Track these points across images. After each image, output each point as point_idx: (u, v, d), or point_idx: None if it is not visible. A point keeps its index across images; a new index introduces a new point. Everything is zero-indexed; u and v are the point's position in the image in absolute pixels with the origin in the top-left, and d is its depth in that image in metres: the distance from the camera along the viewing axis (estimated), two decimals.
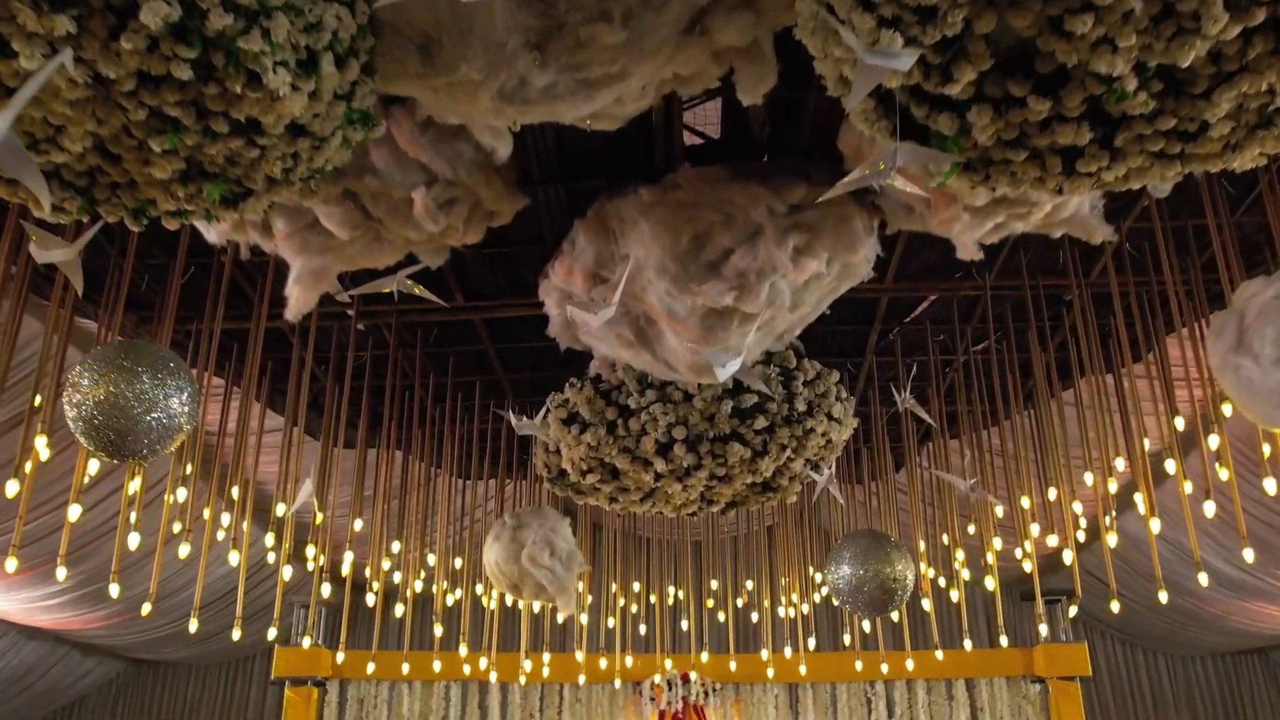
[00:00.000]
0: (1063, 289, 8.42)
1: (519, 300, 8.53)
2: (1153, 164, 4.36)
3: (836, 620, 16.34)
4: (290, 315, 6.41)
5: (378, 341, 9.40)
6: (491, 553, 8.62)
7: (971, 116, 4.01)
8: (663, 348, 7.21)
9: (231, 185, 4.54)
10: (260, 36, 3.63)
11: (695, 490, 8.81)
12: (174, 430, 4.72)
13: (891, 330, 9.57)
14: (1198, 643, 17.76)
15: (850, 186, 4.37)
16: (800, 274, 6.48)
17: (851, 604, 7.89)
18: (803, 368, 8.43)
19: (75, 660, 17.35)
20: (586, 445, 8.32)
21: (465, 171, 5.89)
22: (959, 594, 9.67)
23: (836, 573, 7.90)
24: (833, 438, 8.63)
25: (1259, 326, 4.36)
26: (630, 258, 6.69)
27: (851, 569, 7.78)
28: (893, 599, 7.76)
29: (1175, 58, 3.66)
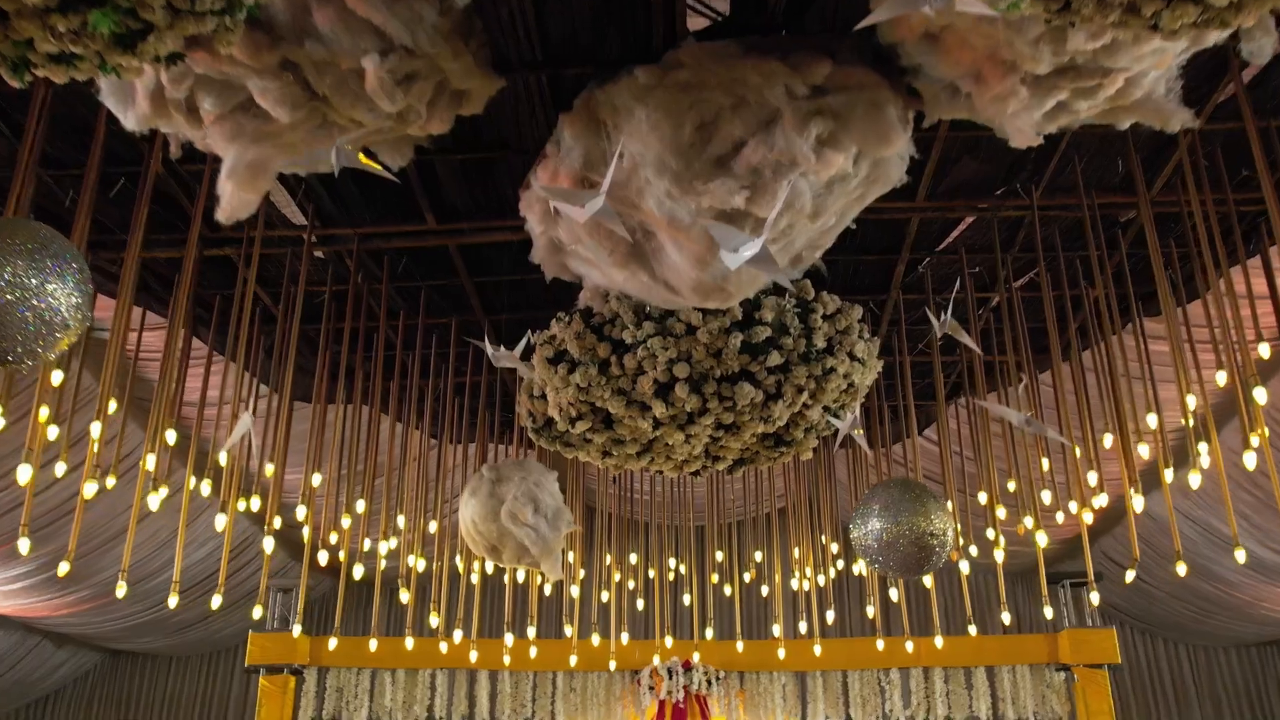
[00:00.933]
0: (1122, 209, 7.64)
1: (498, 222, 7.77)
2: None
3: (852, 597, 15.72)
4: (222, 216, 5.65)
5: (339, 275, 8.62)
6: (467, 510, 7.87)
7: None
8: (662, 265, 6.47)
9: (124, 17, 3.79)
10: None
11: (699, 442, 8.07)
12: (56, 327, 3.96)
13: (921, 261, 8.78)
14: (1222, 632, 17.57)
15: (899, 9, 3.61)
16: (824, 169, 5.72)
17: (882, 564, 7.11)
18: (822, 300, 7.68)
19: (47, 651, 17.12)
20: (576, 387, 7.56)
21: (427, 39, 5.14)
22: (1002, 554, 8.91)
23: (864, 528, 7.12)
24: (855, 380, 7.89)
25: None
26: (624, 155, 5.94)
27: (882, 523, 6.99)
28: (930, 557, 6.98)
29: None
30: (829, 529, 12.52)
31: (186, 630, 17.86)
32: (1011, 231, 8.23)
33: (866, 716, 15.98)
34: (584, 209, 5.08)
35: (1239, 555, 7.87)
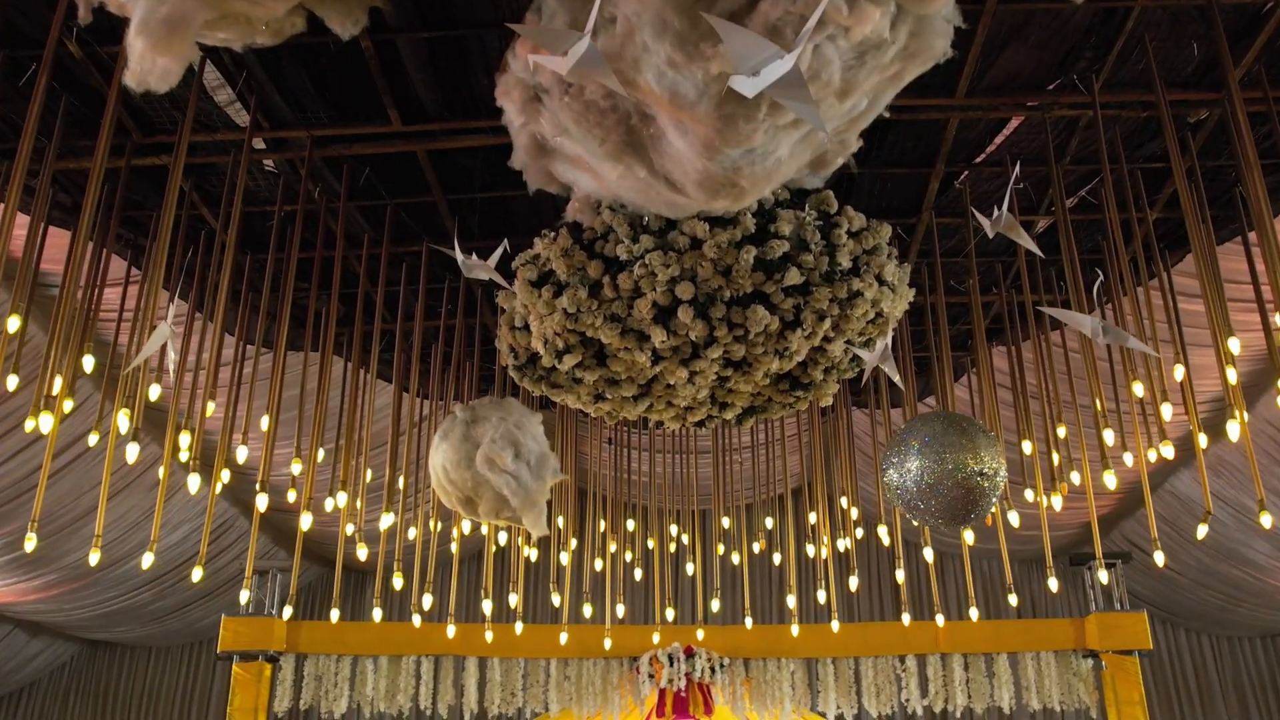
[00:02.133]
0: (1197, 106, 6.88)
1: (474, 123, 7.02)
2: None
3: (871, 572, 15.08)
4: (131, 79, 4.91)
5: (290, 193, 7.82)
6: (438, 455, 7.11)
7: None
8: (663, 155, 5.81)
9: None
10: None
11: (704, 382, 7.31)
12: None
13: (959, 175, 8.01)
14: (1249, 621, 17.45)
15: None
16: (858, 26, 4.96)
17: (922, 510, 6.33)
18: (847, 214, 6.93)
19: (19, 641, 16.97)
20: (563, 312, 6.81)
21: None
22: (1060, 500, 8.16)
23: (902, 468, 6.36)
24: (884, 309, 7.16)
25: None
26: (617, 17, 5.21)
27: (923, 462, 6.22)
28: (979, 503, 6.20)
29: None
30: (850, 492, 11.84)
31: (164, 619, 17.68)
32: (1065, 136, 7.47)
33: (881, 707, 15.40)
34: (567, 56, 4.34)
35: (1265, 520, 7.17)
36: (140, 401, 6.76)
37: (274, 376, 7.87)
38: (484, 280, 7.17)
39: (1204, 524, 7.53)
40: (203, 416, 7.16)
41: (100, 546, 7.01)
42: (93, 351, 6.91)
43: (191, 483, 7.09)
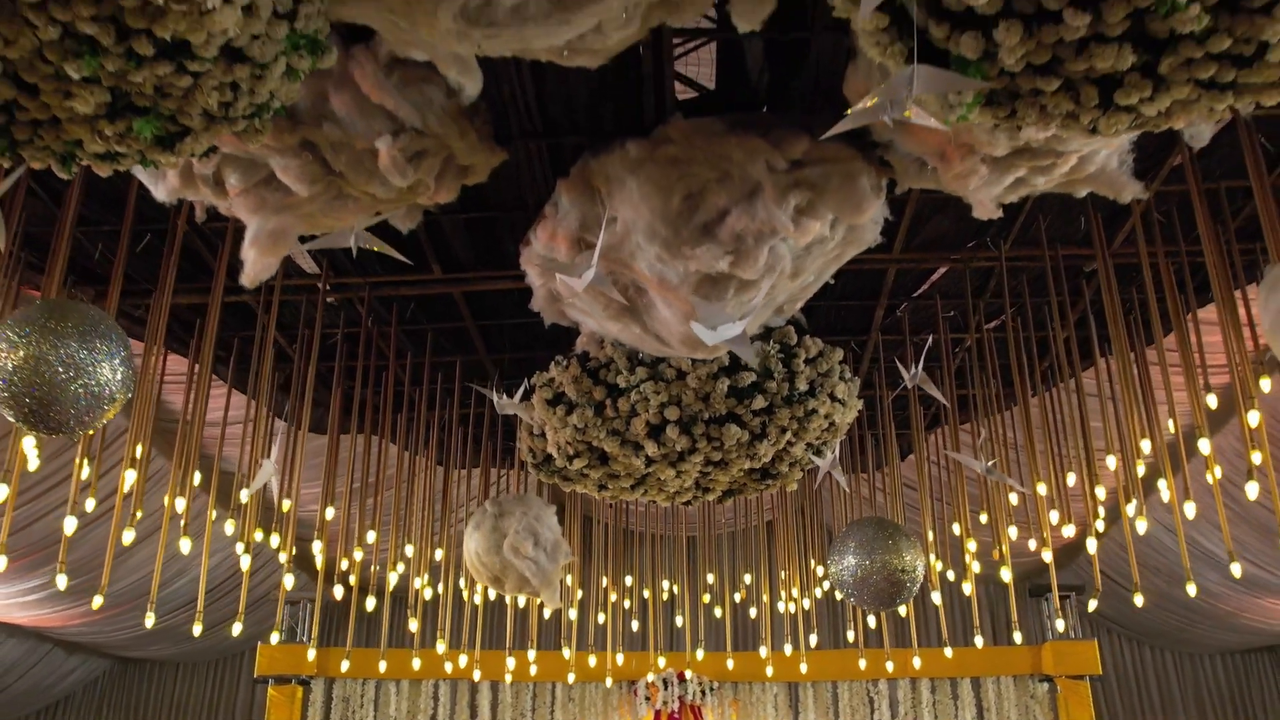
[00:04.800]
0: (1084, 259, 7.98)
1: (500, 272, 8.10)
2: (1200, 96, 3.94)
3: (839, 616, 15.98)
4: (246, 281, 5.99)
5: (350, 318, 8.95)
6: (471, 543, 8.20)
7: (999, 35, 3.59)
8: (653, 319, 6.79)
9: (165, 122, 4.11)
10: None
11: (689, 477, 8.39)
12: (104, 400, 4.29)
13: (899, 306, 9.12)
14: (1207, 640, 17.65)
15: (860, 121, 3.95)
16: (802, 236, 6.06)
17: (857, 598, 7.46)
18: (804, 345, 8.00)
19: (58, 658, 17.13)
20: (573, 427, 7.89)
21: (435, 120, 5.46)
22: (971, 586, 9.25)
23: (840, 564, 7.47)
24: (836, 420, 8.21)
25: None
26: (617, 219, 6.27)
27: (857, 559, 7.34)
28: (901, 592, 7.32)
29: None
30: (815, 550, 12.85)
31: (195, 639, 17.84)
32: (983, 279, 8.57)
33: None
34: (580, 280, 5.42)
35: (1235, 569, 8.13)
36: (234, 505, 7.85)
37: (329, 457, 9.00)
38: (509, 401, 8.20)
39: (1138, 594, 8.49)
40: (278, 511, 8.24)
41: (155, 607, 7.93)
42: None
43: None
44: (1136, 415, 7.49)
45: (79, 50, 3.61)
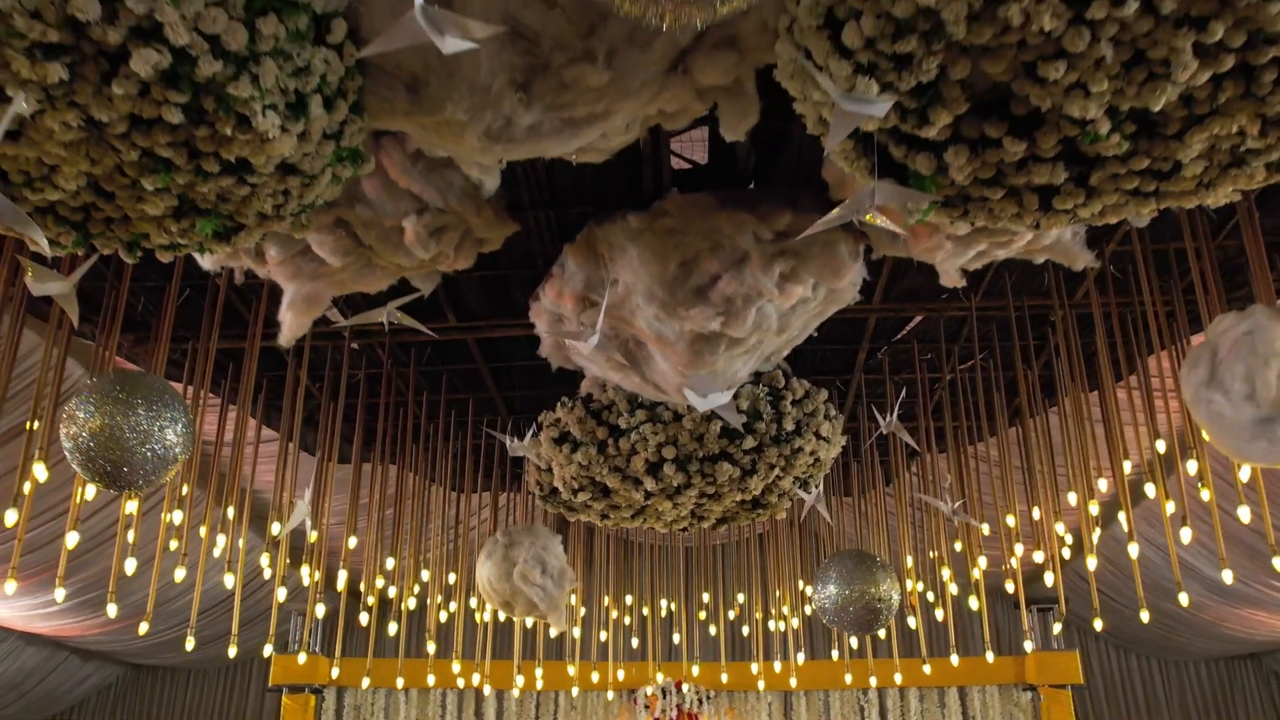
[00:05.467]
0: (1047, 309, 8.46)
1: (510, 321, 8.56)
2: (1128, 201, 4.41)
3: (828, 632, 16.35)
4: (284, 341, 6.46)
5: (371, 360, 9.44)
6: (484, 570, 8.66)
7: (948, 157, 4.05)
8: (652, 370, 7.26)
9: (223, 221, 4.58)
10: (250, 82, 3.66)
11: (685, 508, 8.86)
12: (169, 461, 4.76)
13: (879, 349, 9.61)
14: (1190, 648, 17.86)
15: (829, 225, 4.42)
16: (786, 299, 6.53)
17: (838, 623, 7.94)
18: (791, 387, 8.47)
19: (74, 665, 17.29)
20: (578, 464, 8.36)
21: (455, 200, 5.92)
22: (944, 612, 9.72)
23: (823, 592, 7.96)
24: (821, 456, 8.68)
25: (1230, 362, 4.41)
26: (618, 281, 6.74)
27: (838, 589, 7.83)
28: (878, 619, 7.81)
29: (1147, 102, 3.70)
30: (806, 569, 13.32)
31: (206, 646, 17.84)
32: (956, 326, 9.05)
33: None
34: (587, 344, 5.90)
35: (1183, 598, 8.55)
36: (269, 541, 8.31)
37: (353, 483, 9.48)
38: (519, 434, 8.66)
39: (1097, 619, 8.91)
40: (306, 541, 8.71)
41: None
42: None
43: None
44: (1093, 452, 7.96)
45: (155, 168, 4.07)
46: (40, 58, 3.47)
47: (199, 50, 3.51)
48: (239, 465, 7.91)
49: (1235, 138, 4.02)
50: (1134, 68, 3.61)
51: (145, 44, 3.46)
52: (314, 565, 8.38)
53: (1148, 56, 3.56)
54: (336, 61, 3.95)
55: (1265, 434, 4.28)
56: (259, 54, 3.65)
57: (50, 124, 3.79)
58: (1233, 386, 4.36)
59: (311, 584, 8.37)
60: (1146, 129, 3.95)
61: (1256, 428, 4.30)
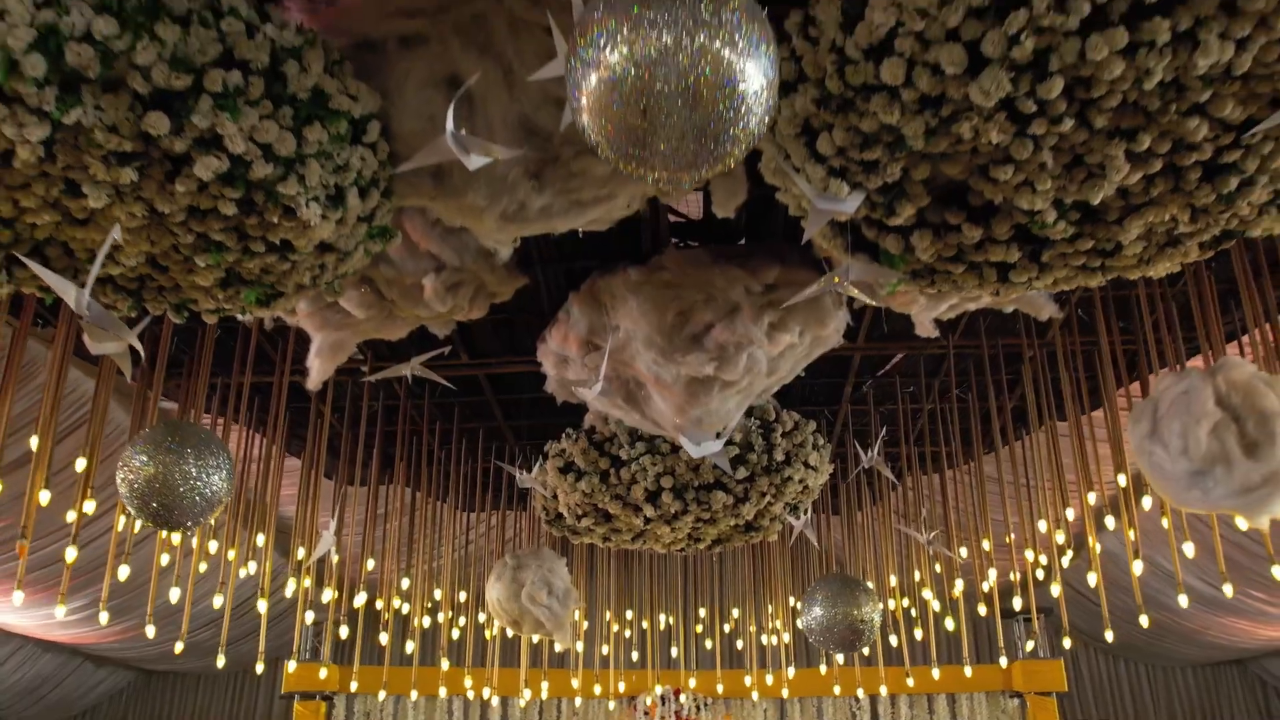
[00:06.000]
0: (1019, 348, 8.87)
1: (519, 359, 8.95)
2: (1077, 274, 4.81)
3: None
4: (311, 385, 6.86)
5: (389, 393, 9.84)
6: (493, 591, 9.05)
7: (914, 239, 4.46)
8: (651, 408, 7.66)
9: (265, 289, 4.98)
10: (296, 180, 4.06)
11: (682, 531, 9.26)
12: (214, 504, 5.16)
13: (864, 383, 10.01)
14: (1177, 654, 17.98)
15: (808, 297, 4.83)
16: (775, 346, 6.93)
17: (823, 643, 8.35)
18: (781, 419, 8.87)
19: (88, 671, 17.41)
20: (581, 492, 8.76)
21: (471, 259, 6.31)
22: (923, 632, 10.13)
23: (810, 613, 8.36)
24: (809, 483, 9.07)
25: (1169, 419, 4.80)
26: (620, 327, 7.14)
27: (823, 610, 8.23)
28: (860, 638, 8.21)
29: (1087, 197, 4.10)
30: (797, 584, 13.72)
31: (216, 653, 18.15)
32: (936, 363, 9.45)
33: None
34: (591, 392, 6.30)
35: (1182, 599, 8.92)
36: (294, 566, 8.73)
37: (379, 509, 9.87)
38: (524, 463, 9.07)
39: (1066, 637, 9.30)
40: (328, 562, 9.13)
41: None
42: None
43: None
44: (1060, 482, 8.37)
45: (208, 248, 4.47)
46: (115, 163, 3.87)
47: (253, 156, 3.91)
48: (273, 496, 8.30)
49: (1169, 223, 4.42)
50: (1074, 169, 4.02)
51: (207, 152, 3.85)
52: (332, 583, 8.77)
53: (1085, 161, 3.97)
54: (371, 158, 4.36)
55: (1198, 485, 4.67)
56: (305, 156, 4.05)
57: (117, 214, 4.19)
58: (1170, 441, 4.76)
59: (332, 604, 8.76)
60: (1089, 216, 4.34)
61: (1190, 479, 4.70)
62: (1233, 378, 4.71)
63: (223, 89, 3.73)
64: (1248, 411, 4.62)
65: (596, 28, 2.45)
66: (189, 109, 3.74)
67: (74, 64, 3.55)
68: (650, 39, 2.34)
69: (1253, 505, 4.59)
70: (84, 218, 4.27)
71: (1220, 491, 4.61)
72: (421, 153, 3.74)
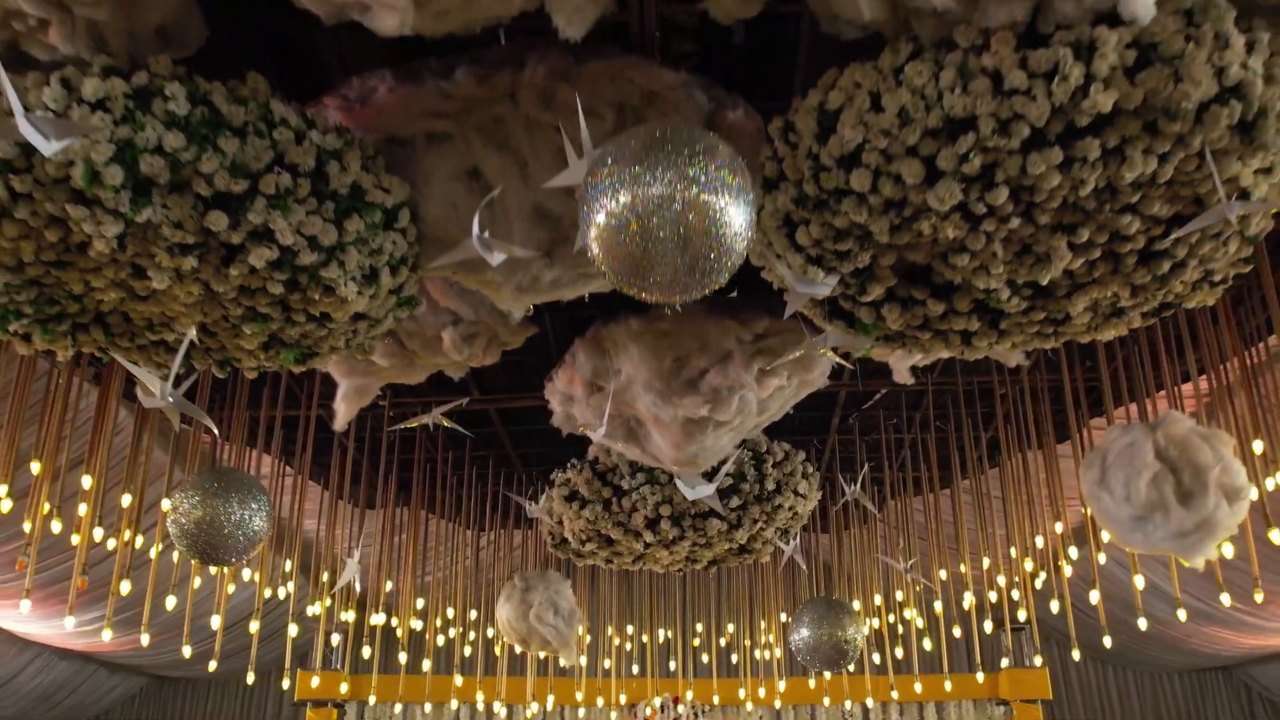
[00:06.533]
0: (991, 384, 9.32)
1: (527, 395, 9.39)
2: (1033, 339, 5.25)
3: None
4: (338, 426, 7.30)
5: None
6: (503, 611, 9.48)
7: (884, 311, 4.89)
8: (650, 444, 8.08)
9: (303, 351, 5.42)
10: (337, 265, 4.50)
11: (680, 554, 9.68)
12: (255, 543, 5.59)
13: (850, 416, 10.45)
14: (1163, 661, 18.22)
15: (788, 359, 5.26)
16: (764, 390, 7.36)
17: (810, 662, 8.78)
18: (772, 450, 9.30)
19: (102, 678, 17.55)
20: (585, 520, 9.18)
21: (486, 314, 6.74)
22: (902, 651, 10.58)
23: (797, 634, 8.79)
24: (799, 510, 9.50)
25: (1115, 469, 5.24)
26: (622, 371, 7.57)
27: (810, 631, 8.67)
28: (844, 657, 8.64)
29: (1036, 278, 4.53)
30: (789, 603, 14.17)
31: (229, 659, 17.72)
32: (917, 397, 9.90)
33: None
34: (596, 435, 6.74)
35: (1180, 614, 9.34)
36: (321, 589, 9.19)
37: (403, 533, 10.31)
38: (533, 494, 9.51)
39: (1038, 655, 9.77)
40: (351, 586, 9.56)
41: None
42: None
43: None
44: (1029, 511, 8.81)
45: (254, 318, 4.91)
46: (178, 253, 4.31)
47: (300, 246, 4.35)
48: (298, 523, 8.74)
49: (1112, 298, 4.86)
50: (1023, 256, 4.45)
51: (259, 243, 4.29)
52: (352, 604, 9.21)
53: (1033, 249, 4.40)
54: (402, 240, 4.80)
55: (1139, 529, 5.11)
56: (344, 244, 4.49)
57: (177, 293, 4.63)
58: (1116, 489, 5.19)
59: (353, 626, 9.19)
60: (1040, 293, 4.77)
61: (1133, 523, 5.14)
62: (1171, 432, 5.14)
63: (275, 191, 4.17)
64: (1184, 464, 5.06)
65: (605, 176, 2.88)
66: (245, 208, 4.18)
67: (147, 172, 3.98)
68: (649, 192, 2.77)
69: (1187, 548, 5.02)
70: (145, 295, 4.70)
71: (1159, 535, 5.04)
72: (451, 253, 4.18)
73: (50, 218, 4.16)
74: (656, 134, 2.86)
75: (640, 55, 4.65)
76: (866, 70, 3.97)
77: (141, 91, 4.00)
